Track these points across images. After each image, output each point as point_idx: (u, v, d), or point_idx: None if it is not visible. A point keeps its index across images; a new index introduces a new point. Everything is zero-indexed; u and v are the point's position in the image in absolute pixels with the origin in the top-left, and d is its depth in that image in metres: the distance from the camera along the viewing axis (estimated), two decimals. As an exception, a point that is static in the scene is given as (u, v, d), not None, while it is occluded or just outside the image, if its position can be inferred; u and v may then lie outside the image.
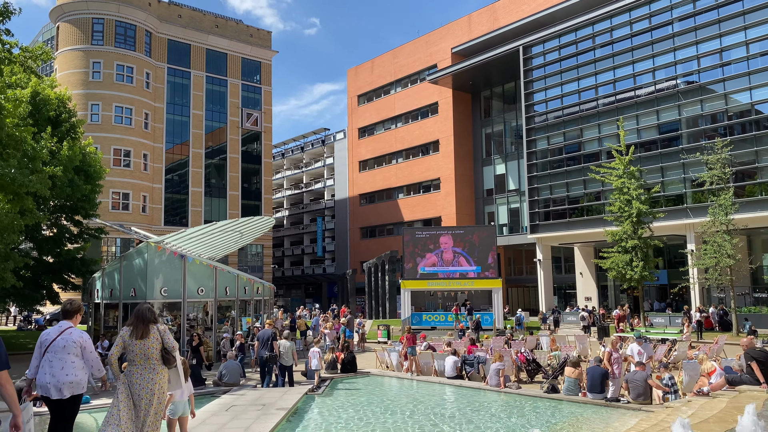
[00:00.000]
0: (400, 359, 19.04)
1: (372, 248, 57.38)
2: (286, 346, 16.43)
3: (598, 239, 38.72)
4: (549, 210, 43.07)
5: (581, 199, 41.47)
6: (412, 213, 55.10)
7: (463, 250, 35.61)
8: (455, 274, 35.54)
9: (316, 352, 16.41)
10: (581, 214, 41.15)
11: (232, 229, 23.11)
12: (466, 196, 52.35)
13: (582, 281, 44.93)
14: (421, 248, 36.06)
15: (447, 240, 35.98)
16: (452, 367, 17.02)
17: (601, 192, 39.74)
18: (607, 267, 32.46)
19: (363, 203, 61.28)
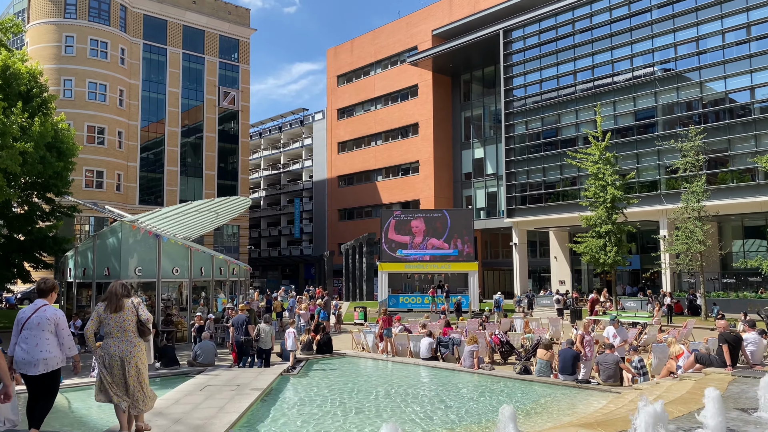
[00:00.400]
0: (376, 340, 19.15)
1: (350, 230, 57.36)
2: (266, 330, 16.43)
3: (573, 224, 39.17)
4: (526, 194, 43.38)
5: (557, 184, 41.83)
6: (390, 196, 55.10)
7: (440, 233, 35.76)
8: (432, 256, 35.70)
9: (291, 333, 16.43)
10: (557, 199, 41.54)
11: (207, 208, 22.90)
12: (444, 179, 52.47)
13: (556, 265, 45.47)
14: (399, 231, 36.13)
15: (424, 223, 36.08)
16: (427, 348, 17.17)
17: (577, 177, 40.10)
18: (581, 251, 32.85)
19: (341, 185, 61.09)
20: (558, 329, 23.23)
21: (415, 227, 36.06)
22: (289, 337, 16.40)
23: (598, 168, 32.43)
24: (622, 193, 32.02)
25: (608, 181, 31.85)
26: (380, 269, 35.65)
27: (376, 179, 57.19)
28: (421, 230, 35.95)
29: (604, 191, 31.92)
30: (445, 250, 35.65)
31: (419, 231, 35.97)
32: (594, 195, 32.35)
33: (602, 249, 31.63)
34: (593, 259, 32.25)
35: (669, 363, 13.05)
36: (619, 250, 31.56)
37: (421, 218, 36.29)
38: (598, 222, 31.93)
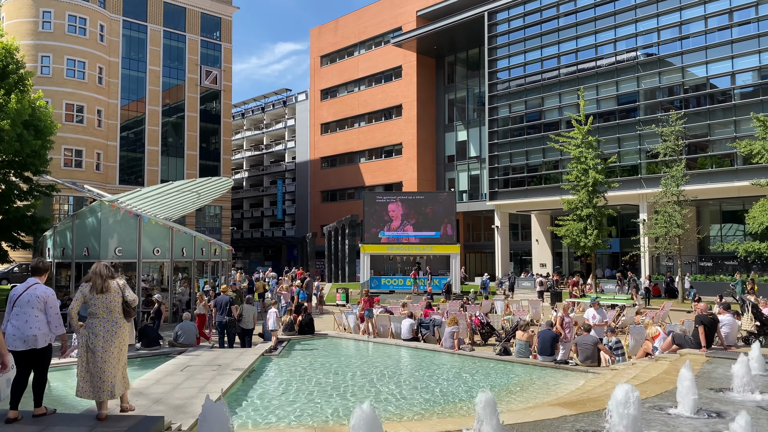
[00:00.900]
0: (358, 321, 19.24)
1: (332, 212, 57.29)
2: (249, 310, 16.46)
3: (555, 207, 39.48)
4: (508, 177, 43.56)
5: (540, 167, 42.05)
6: (373, 177, 55.03)
7: (422, 216, 35.84)
8: (414, 239, 35.82)
9: (272, 313, 16.45)
10: (539, 183, 41.78)
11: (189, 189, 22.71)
12: (427, 162, 52.47)
13: (538, 248, 45.88)
14: (382, 213, 36.16)
15: (407, 205, 36.14)
16: (408, 329, 17.29)
17: (560, 161, 40.34)
18: (562, 234, 33.16)
19: (324, 166, 60.87)
20: (538, 311, 23.50)
21: (397, 209, 36.11)
22: (270, 317, 16.42)
23: (581, 152, 32.63)
24: (604, 177, 32.31)
25: (590, 165, 32.09)
26: (362, 251, 35.71)
27: (359, 161, 57.04)
28: (404, 213, 36.01)
29: (585, 175, 32.16)
30: (427, 232, 35.77)
31: (402, 213, 36.03)
32: (576, 178, 32.58)
33: (583, 232, 31.95)
34: (574, 243, 32.58)
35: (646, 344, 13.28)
36: (600, 234, 31.92)
37: (404, 200, 36.32)
38: (579, 205, 32.20)
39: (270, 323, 16.39)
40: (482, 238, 53.16)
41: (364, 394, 10.92)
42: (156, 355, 14.88)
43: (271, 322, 16.31)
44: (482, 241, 52.97)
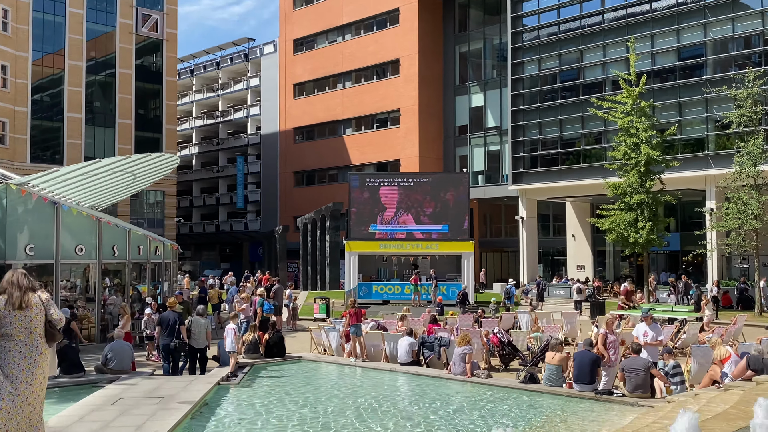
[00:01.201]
0: (342, 340, 19.29)
1: (309, 199, 57.26)
2: (199, 323, 16.50)
3: (597, 193, 39.59)
4: (537, 154, 43.60)
5: (578, 141, 42.09)
6: (362, 155, 55.01)
7: (426, 204, 35.89)
8: (416, 234, 35.86)
9: (231, 330, 16.44)
10: (577, 161, 41.86)
11: (122, 169, 22.65)
12: (432, 134, 52.49)
13: (574, 246, 46.05)
14: (373, 200, 36.17)
15: (405, 190, 36.15)
16: (407, 350, 17.35)
17: (603, 133, 40.42)
18: (606, 228, 33.25)
19: (299, 140, 60.73)
20: (574, 327, 23.62)
21: (393, 196, 36.13)
22: (228, 335, 16.42)
23: (630, 121, 32.69)
24: (660, 153, 32.40)
25: (642, 138, 32.17)
26: (348, 249, 35.75)
27: (343, 133, 56.95)
28: (402, 200, 36.04)
29: (636, 151, 32.24)
30: (432, 225, 35.83)
31: (399, 201, 36.06)
32: (624, 156, 32.65)
33: (633, 225, 32.08)
34: (621, 238, 32.70)
35: (712, 369, 13.34)
36: (654, 227, 32.05)
37: (402, 184, 36.32)
38: (628, 191, 32.30)
39: (227, 343, 16.38)
40: (503, 233, 53.20)
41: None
42: (79, 384, 14.89)
43: (229, 341, 16.30)
44: (503, 236, 53.01)
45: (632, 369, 13.51)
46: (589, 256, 45.78)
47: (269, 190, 63.84)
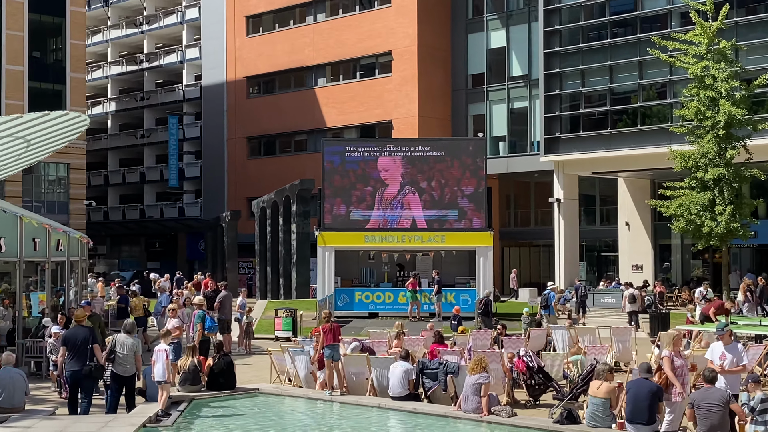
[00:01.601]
0: (313, 367, 19.29)
1: (268, 174, 57.07)
2: (127, 345, 16.48)
3: (659, 165, 39.60)
4: (578, 113, 43.60)
5: (634, 96, 42.08)
6: (340, 114, 54.82)
7: (428, 182, 35.76)
8: (413, 222, 35.75)
9: (161, 352, 16.39)
10: (632, 122, 41.87)
11: (10, 133, 22.51)
12: (436, 86, 52.34)
13: (629, 237, 46.11)
14: (356, 176, 36.04)
15: (400, 162, 36.02)
16: (402, 380, 17.36)
17: (668, 84, 40.42)
18: (672, 214, 33.32)
19: (253, 93, 60.49)
20: (628, 347, 23.68)
21: (384, 171, 35.98)
22: (158, 359, 16.41)
23: (705, 68, 32.69)
24: (745, 111, 32.41)
25: (721, 92, 32.16)
26: (321, 243, 35.64)
27: (314, 84, 56.74)
28: (396, 176, 35.91)
29: (713, 108, 32.25)
30: (436, 210, 35.71)
31: (392, 177, 35.93)
32: (696, 115, 32.66)
33: (708, 209, 32.12)
34: (692, 228, 32.76)
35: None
36: (737, 212, 32.11)
37: (397, 155, 36.14)
38: (701, 163, 32.34)
39: (157, 370, 16.37)
40: (532, 221, 53.24)
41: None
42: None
43: (159, 367, 16.28)
44: (531, 225, 53.05)
45: (706, 404, 13.49)
46: (648, 251, 45.87)
47: (213, 162, 63.59)
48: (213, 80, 63.72)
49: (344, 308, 35.38)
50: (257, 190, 55.11)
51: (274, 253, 47.27)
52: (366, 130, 53.84)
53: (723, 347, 16.77)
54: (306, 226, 45.64)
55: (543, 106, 44.52)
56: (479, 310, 31.58)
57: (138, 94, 71.46)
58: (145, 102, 70.36)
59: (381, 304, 36.03)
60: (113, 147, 72.17)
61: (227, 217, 52.45)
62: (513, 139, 50.71)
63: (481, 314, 31.28)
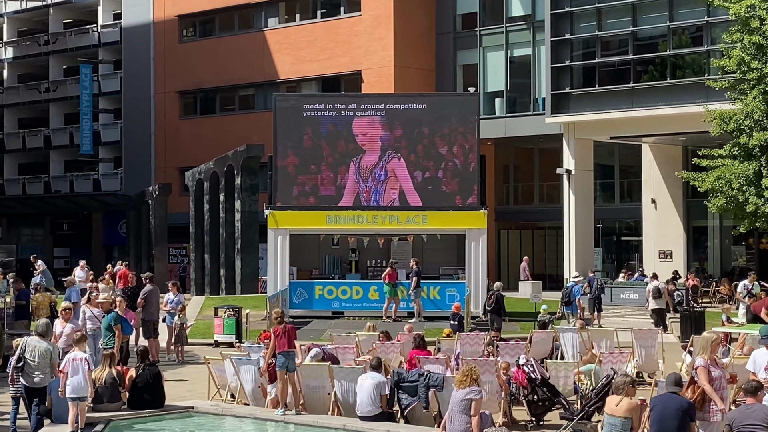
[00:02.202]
0: (262, 380, 19.33)
1: (206, 138, 56.99)
2: (40, 351, 16.51)
3: (694, 129, 39.84)
4: (593, 63, 43.76)
5: (662, 41, 42.24)
6: (296, 62, 54.73)
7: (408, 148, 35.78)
8: (388, 198, 35.80)
9: (78, 361, 16.41)
10: (660, 75, 42.05)
11: None
12: (417, 27, 52.32)
13: (655, 218, 46.35)
14: (316, 139, 36.01)
15: (372, 124, 36.03)
16: (373, 395, 17.39)
17: (705, 27, 40.61)
18: (709, 188, 33.50)
19: (187, 36, 60.45)
20: (653, 354, 23.86)
21: (352, 133, 35.96)
22: (76, 370, 16.41)
23: (750, 7, 32.81)
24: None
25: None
26: (272, 225, 35.62)
27: (264, 26, 56.67)
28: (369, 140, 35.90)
29: (760, 58, 32.40)
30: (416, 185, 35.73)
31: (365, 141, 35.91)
32: (739, 66, 32.80)
33: (753, 183, 32.31)
34: (733, 205, 32.95)
35: None
36: (790, 186, 32.35)
37: (369, 114, 36.10)
38: (745, 125, 32.50)
39: (74, 383, 16.40)
40: (535, 198, 53.47)
41: None
42: None
43: (77, 380, 16.32)
44: (535, 203, 53.28)
45: (747, 425, 13.64)
46: (680, 235, 46.15)
47: (137, 123, 63.34)
48: (136, 20, 63.39)
49: (301, 306, 35.47)
50: (192, 158, 55.06)
51: (214, 238, 47.17)
52: (329, 83, 53.81)
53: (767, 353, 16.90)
54: (254, 204, 45.57)
55: (550, 54, 44.63)
56: (488, 307, 31.74)
57: (41, 37, 70.86)
58: (51, 47, 69.79)
59: (347, 300, 36.04)
60: (10, 104, 71.64)
61: (154, 192, 52.31)
62: (513, 95, 50.83)
63: (491, 312, 31.45)
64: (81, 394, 16.18)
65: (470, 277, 34.96)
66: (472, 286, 34.65)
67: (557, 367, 20.47)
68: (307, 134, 36.11)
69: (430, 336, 27.40)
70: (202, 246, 47.71)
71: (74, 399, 16.25)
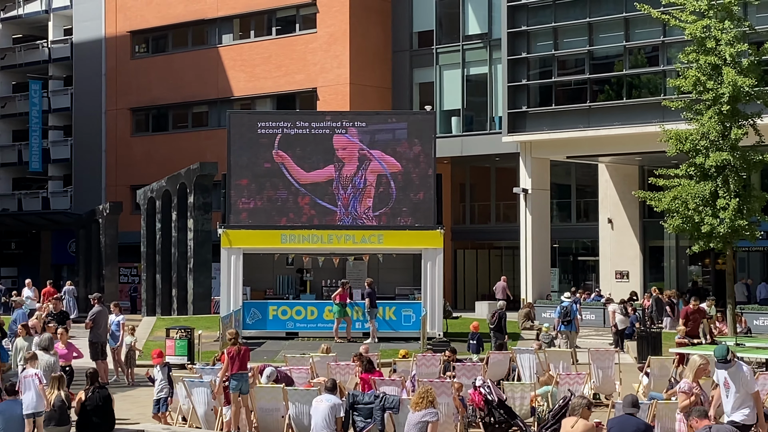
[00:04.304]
0: (215, 402, 19.25)
1: (159, 156, 56.77)
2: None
3: (650, 149, 40.02)
4: (550, 83, 43.91)
5: (618, 61, 42.48)
6: (251, 80, 54.64)
7: (360, 169, 35.76)
8: (342, 217, 35.76)
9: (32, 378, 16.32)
10: (617, 95, 42.27)
11: None
12: (373, 45, 52.40)
13: (612, 239, 46.55)
14: (270, 157, 35.92)
15: (328, 141, 35.98)
16: (327, 418, 17.36)
17: (661, 47, 40.87)
18: (665, 208, 33.66)
19: (140, 52, 60.21)
20: (609, 375, 23.94)
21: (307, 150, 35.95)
22: (27, 387, 16.33)
23: (706, 27, 33.03)
24: (755, 82, 32.80)
25: (726, 57, 32.54)
26: (226, 244, 35.49)
27: (218, 42, 56.55)
28: (323, 157, 35.90)
29: (716, 78, 32.60)
30: (370, 203, 35.72)
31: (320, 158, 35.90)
32: (695, 86, 33.00)
33: (709, 203, 32.49)
34: (689, 226, 33.12)
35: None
36: (745, 206, 32.51)
37: (324, 132, 36.09)
38: (701, 145, 32.68)
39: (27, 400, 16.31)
40: (492, 217, 53.54)
41: None
42: None
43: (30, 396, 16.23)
44: (491, 222, 53.36)
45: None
46: (636, 255, 46.37)
47: (88, 140, 62.99)
48: (87, 35, 63.09)
49: (255, 327, 35.30)
50: (144, 176, 54.84)
51: (166, 257, 46.93)
52: (284, 100, 53.78)
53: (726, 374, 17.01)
54: (207, 223, 45.42)
55: (506, 72, 44.77)
56: (491, 325, 31.84)
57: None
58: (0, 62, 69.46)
59: (302, 321, 35.95)
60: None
61: (105, 210, 51.98)
62: (469, 113, 50.93)
63: (493, 330, 31.59)
64: (37, 410, 16.14)
65: (426, 297, 34.92)
66: (428, 306, 34.64)
67: (514, 388, 20.50)
68: (261, 152, 36.04)
69: (386, 357, 27.48)
70: (154, 265, 47.44)
71: (30, 416, 16.20)
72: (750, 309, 37.85)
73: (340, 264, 37.23)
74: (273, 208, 35.98)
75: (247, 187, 35.97)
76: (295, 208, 35.95)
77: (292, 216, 35.92)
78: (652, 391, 21.34)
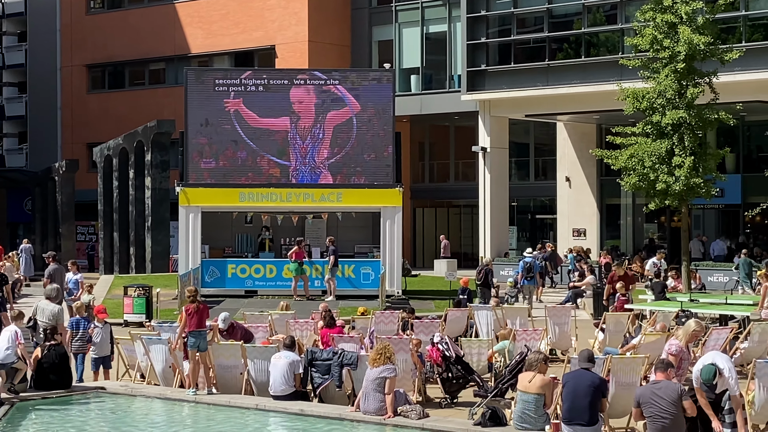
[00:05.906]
0: (173, 360, 19.27)
1: (115, 113, 56.33)
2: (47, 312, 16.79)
3: (607, 107, 40.12)
4: (509, 40, 43.90)
5: (577, 19, 42.53)
6: (208, 36, 54.26)
7: (319, 127, 35.68)
8: (300, 175, 35.70)
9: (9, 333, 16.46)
10: (575, 53, 42.34)
11: None
12: (332, 2, 52.10)
13: (570, 197, 46.72)
14: (228, 115, 35.76)
15: (285, 99, 35.85)
16: (286, 375, 17.39)
17: (619, 5, 40.92)
18: (622, 166, 33.83)
19: (95, 8, 59.75)
20: (566, 331, 24.19)
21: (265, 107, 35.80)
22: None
23: (662, -13, 33.12)
24: (711, 39, 32.90)
25: (682, 15, 32.60)
26: (184, 202, 35.37)
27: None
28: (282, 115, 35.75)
29: (672, 36, 32.68)
30: (329, 162, 35.69)
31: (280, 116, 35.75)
32: (652, 44, 33.07)
33: (665, 161, 32.66)
34: (645, 184, 33.31)
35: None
36: (700, 165, 32.72)
37: (283, 90, 35.96)
38: (657, 103, 32.80)
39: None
40: (450, 176, 53.61)
41: None
42: None
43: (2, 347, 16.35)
44: (450, 180, 53.44)
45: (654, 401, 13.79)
46: (593, 214, 46.61)
47: (43, 97, 62.52)
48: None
49: (214, 285, 35.37)
50: (101, 133, 54.41)
51: (123, 215, 46.69)
52: (242, 57, 53.48)
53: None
54: (164, 181, 45.22)
55: (465, 30, 44.72)
56: (478, 282, 32.01)
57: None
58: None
59: (261, 279, 36.02)
60: None
61: (61, 168, 51.61)
62: (428, 72, 50.88)
63: (480, 286, 31.77)
64: (6, 361, 16.32)
65: (385, 255, 35.11)
66: (387, 265, 34.81)
67: (471, 344, 20.64)
68: (219, 109, 35.89)
69: (345, 315, 27.57)
70: (111, 224, 47.21)
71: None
72: (704, 266, 38.12)
73: (299, 222, 37.24)
74: (232, 167, 35.92)
75: (205, 145, 35.84)
76: (255, 167, 35.89)
77: (252, 176, 35.88)
78: (607, 346, 21.57)
